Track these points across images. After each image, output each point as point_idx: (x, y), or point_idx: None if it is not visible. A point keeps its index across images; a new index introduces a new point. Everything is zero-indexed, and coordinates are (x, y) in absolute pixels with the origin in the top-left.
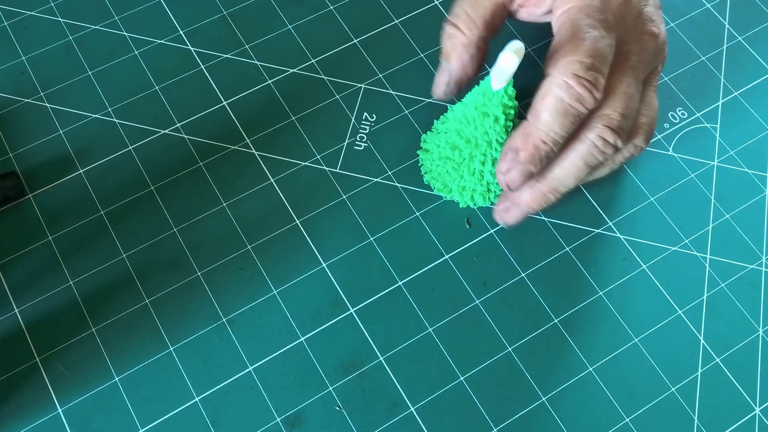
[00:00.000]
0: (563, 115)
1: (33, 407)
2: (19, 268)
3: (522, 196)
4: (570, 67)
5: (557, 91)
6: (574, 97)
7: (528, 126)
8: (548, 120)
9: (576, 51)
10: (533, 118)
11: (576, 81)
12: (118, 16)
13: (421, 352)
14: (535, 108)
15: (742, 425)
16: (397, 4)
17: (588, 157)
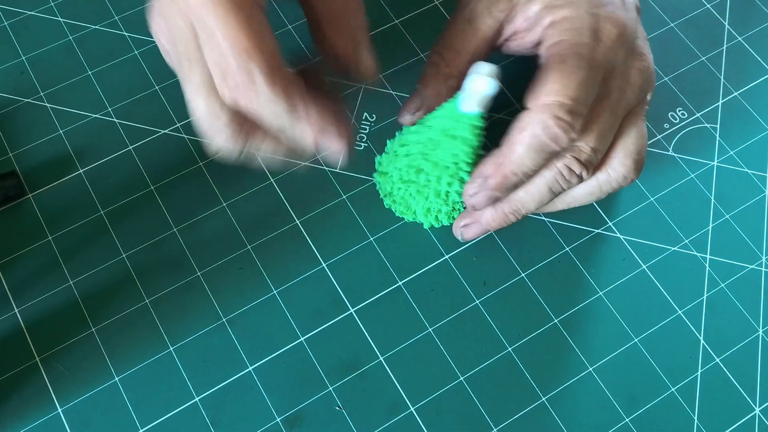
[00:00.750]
0: (537, 151)
1: (33, 407)
2: (19, 268)
3: (484, 215)
4: (552, 107)
5: (535, 128)
6: (551, 137)
7: (501, 156)
8: (522, 154)
9: (560, 91)
10: (507, 148)
11: (555, 122)
12: (118, 16)
13: (421, 352)
14: (510, 139)
15: (742, 425)
16: (397, 4)
17: (553, 184)
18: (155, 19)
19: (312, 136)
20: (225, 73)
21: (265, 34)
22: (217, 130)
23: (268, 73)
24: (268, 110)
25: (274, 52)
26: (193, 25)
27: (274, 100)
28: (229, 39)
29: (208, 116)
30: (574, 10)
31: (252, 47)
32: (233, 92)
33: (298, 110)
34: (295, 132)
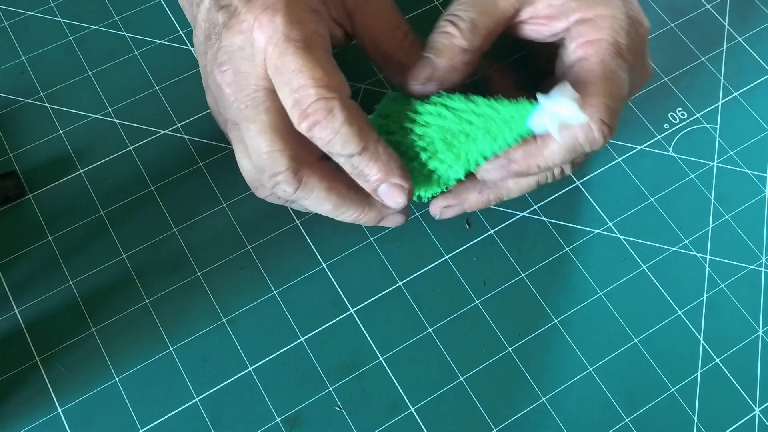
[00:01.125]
0: (570, 151)
1: (33, 407)
2: (19, 268)
3: (468, 198)
4: (599, 110)
5: (578, 131)
6: (589, 141)
7: (534, 146)
8: (555, 151)
9: (606, 96)
10: (542, 142)
11: (599, 126)
12: (118, 16)
13: (421, 352)
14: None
15: (742, 425)
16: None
17: (542, 179)
18: (222, 67)
19: (377, 176)
20: (305, 108)
21: (339, 74)
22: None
23: (346, 109)
24: (341, 146)
25: (348, 90)
26: (264, 73)
27: (350, 135)
28: (310, 78)
29: (271, 154)
30: (608, 9)
31: (331, 84)
32: (311, 126)
33: (369, 148)
34: (362, 171)
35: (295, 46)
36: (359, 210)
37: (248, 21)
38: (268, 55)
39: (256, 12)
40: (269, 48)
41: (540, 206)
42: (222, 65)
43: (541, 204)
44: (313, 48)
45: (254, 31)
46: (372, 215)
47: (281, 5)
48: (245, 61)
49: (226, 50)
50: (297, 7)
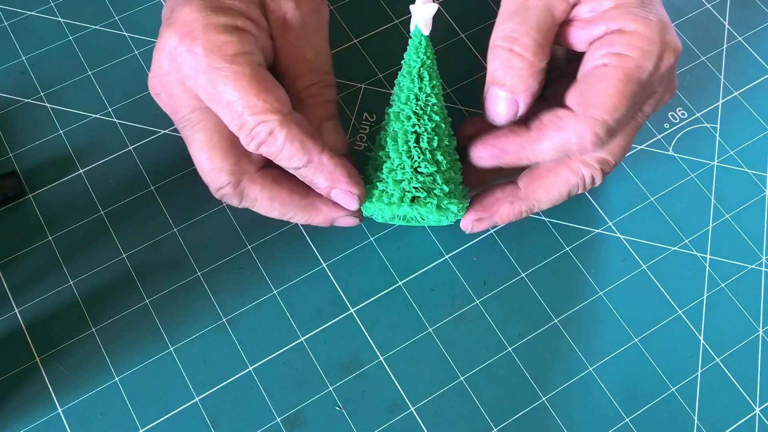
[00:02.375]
0: (560, 152)
1: (33, 407)
2: (19, 268)
3: (500, 210)
4: (597, 123)
5: (571, 134)
6: (580, 146)
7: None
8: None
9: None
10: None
11: (592, 137)
12: (118, 16)
13: (421, 352)
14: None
15: (742, 425)
16: (397, 4)
17: (573, 189)
18: (155, 89)
19: (325, 184)
20: (248, 132)
21: (275, 92)
22: (219, 184)
23: (285, 127)
24: (287, 161)
25: (286, 106)
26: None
27: (293, 151)
28: (245, 106)
29: (211, 171)
30: (647, 29)
31: (266, 107)
32: (258, 146)
33: (313, 160)
34: (312, 180)
35: (223, 75)
36: (306, 214)
37: (171, 45)
38: (198, 83)
39: (174, 40)
40: (198, 77)
41: None
42: (154, 87)
43: None
44: (242, 72)
45: (178, 58)
46: (320, 218)
47: (199, 32)
48: (175, 85)
49: (156, 72)
50: (215, 30)
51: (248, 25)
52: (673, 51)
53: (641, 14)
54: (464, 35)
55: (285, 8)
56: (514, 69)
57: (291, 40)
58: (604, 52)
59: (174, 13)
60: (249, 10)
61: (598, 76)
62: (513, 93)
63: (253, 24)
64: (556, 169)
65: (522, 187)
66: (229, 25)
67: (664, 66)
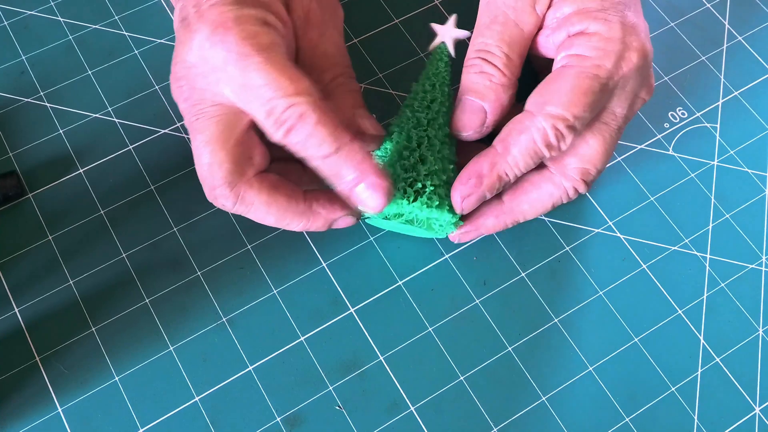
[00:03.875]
0: (531, 155)
1: (33, 407)
2: (19, 268)
3: (485, 223)
4: (555, 118)
5: (535, 133)
6: (546, 144)
7: (495, 155)
8: (516, 156)
9: (567, 107)
10: (502, 148)
11: (553, 132)
12: (118, 16)
13: (421, 352)
14: (505, 140)
15: (742, 425)
16: (397, 4)
17: (557, 201)
18: (177, 82)
19: (354, 174)
20: (278, 118)
21: (305, 79)
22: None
23: (317, 111)
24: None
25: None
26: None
27: (323, 136)
28: (278, 89)
29: (210, 166)
30: (607, 29)
31: (299, 90)
32: (286, 133)
33: (344, 148)
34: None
35: (255, 62)
36: (303, 220)
37: (200, 39)
38: (229, 74)
39: (206, 31)
40: (228, 68)
41: None
42: (179, 80)
43: None
44: (274, 59)
45: (207, 51)
46: (319, 223)
47: (231, 23)
48: (200, 77)
49: (182, 66)
50: (247, 22)
51: (275, 20)
52: (636, 51)
53: (601, 16)
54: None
55: (307, 6)
56: (485, 77)
57: (313, 36)
58: (564, 54)
59: (201, 8)
60: (276, 7)
61: (555, 76)
62: (482, 100)
63: (279, 20)
64: (539, 182)
65: (506, 201)
66: (260, 18)
67: (626, 66)
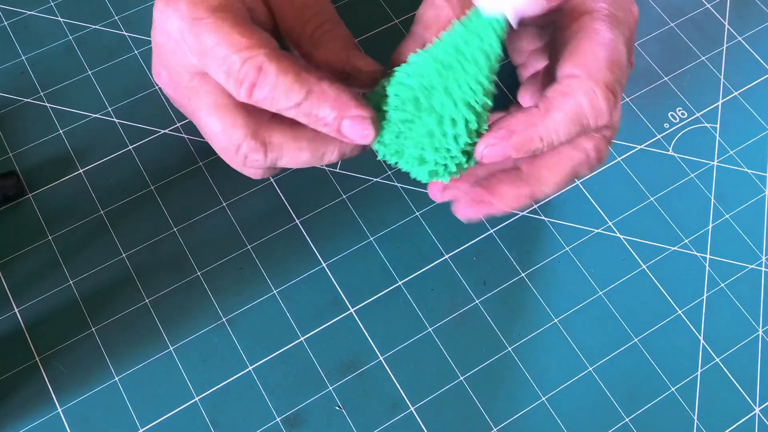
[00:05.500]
0: (575, 123)
1: (33, 407)
2: (19, 268)
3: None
4: (604, 77)
5: (582, 97)
6: (595, 111)
7: (534, 115)
8: (558, 121)
9: (612, 63)
10: (544, 109)
11: (604, 95)
12: (118, 16)
13: (421, 352)
14: (549, 101)
15: (742, 425)
16: (397, 4)
17: (578, 167)
18: (156, 71)
19: (333, 114)
20: (236, 76)
21: (260, 33)
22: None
23: (275, 60)
24: (285, 98)
25: (273, 43)
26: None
27: (288, 84)
28: (229, 46)
29: (224, 130)
30: None
31: (252, 43)
32: (249, 90)
33: (314, 90)
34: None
35: (206, 23)
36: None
37: (158, 15)
38: (187, 43)
39: (161, 4)
40: (184, 36)
41: (540, 206)
42: (155, 67)
43: (541, 203)
44: (224, 18)
45: (165, 24)
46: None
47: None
48: (171, 55)
49: (155, 51)
50: None
51: None
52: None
53: None
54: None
55: None
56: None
57: None
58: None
59: None
60: None
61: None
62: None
63: None
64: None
65: (524, 169)
66: None
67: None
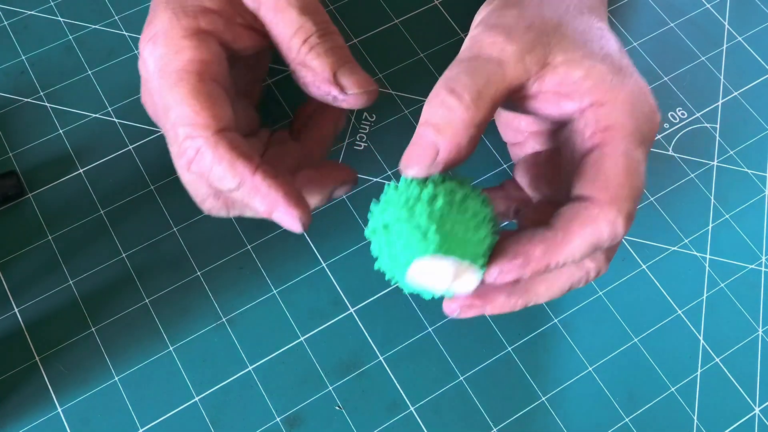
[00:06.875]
0: (592, 248)
1: (33, 407)
2: (19, 268)
3: (495, 299)
4: (628, 206)
5: (603, 225)
6: (613, 237)
7: (552, 241)
8: (576, 248)
9: (633, 188)
10: (563, 236)
11: (625, 223)
12: (118, 16)
13: (421, 352)
14: (569, 227)
15: (741, 425)
16: (397, 4)
17: (576, 283)
18: (144, 98)
19: (262, 208)
20: (178, 147)
21: (214, 108)
22: (201, 197)
23: (211, 147)
24: (218, 183)
25: (221, 123)
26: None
27: (221, 172)
28: (178, 116)
29: (192, 185)
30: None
31: (199, 120)
32: (187, 166)
33: (246, 183)
34: (248, 204)
35: (170, 80)
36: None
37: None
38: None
39: (146, 40)
40: (155, 84)
41: None
42: (143, 95)
43: None
44: (187, 80)
45: (147, 61)
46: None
47: (161, 36)
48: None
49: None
50: (175, 34)
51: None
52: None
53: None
54: (464, 35)
55: None
56: (446, 110)
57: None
58: (592, 131)
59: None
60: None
61: (601, 157)
62: (437, 133)
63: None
64: None
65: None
66: (191, 28)
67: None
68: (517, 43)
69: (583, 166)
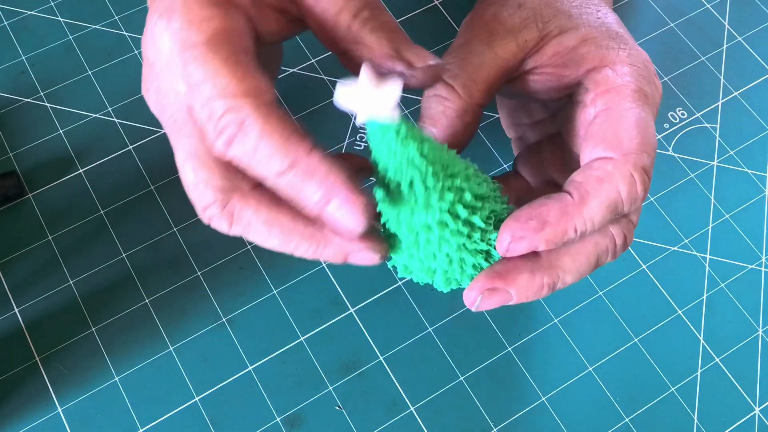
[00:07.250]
0: (612, 209)
1: (33, 407)
2: (19, 268)
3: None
4: (641, 159)
5: (621, 183)
6: (631, 196)
7: (570, 204)
8: (594, 210)
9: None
10: (578, 198)
11: (641, 179)
12: (118, 16)
13: (421, 352)
14: (583, 187)
15: (741, 425)
16: (397, 4)
17: (603, 255)
18: (145, 87)
19: (318, 193)
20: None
21: (255, 76)
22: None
23: (261, 117)
24: (264, 164)
25: (267, 94)
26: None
27: (271, 149)
28: (214, 86)
29: (195, 186)
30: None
31: (241, 90)
32: (227, 144)
33: (300, 162)
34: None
35: (196, 52)
36: (313, 244)
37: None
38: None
39: (154, 17)
40: (174, 58)
41: None
42: (145, 82)
43: None
44: (218, 49)
45: (157, 40)
46: (331, 252)
47: (177, 7)
48: (161, 76)
49: (145, 65)
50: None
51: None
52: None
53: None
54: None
55: None
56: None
57: None
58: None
59: None
60: None
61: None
62: (432, 126)
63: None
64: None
65: (543, 255)
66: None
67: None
68: (508, 21)
69: (589, 132)
